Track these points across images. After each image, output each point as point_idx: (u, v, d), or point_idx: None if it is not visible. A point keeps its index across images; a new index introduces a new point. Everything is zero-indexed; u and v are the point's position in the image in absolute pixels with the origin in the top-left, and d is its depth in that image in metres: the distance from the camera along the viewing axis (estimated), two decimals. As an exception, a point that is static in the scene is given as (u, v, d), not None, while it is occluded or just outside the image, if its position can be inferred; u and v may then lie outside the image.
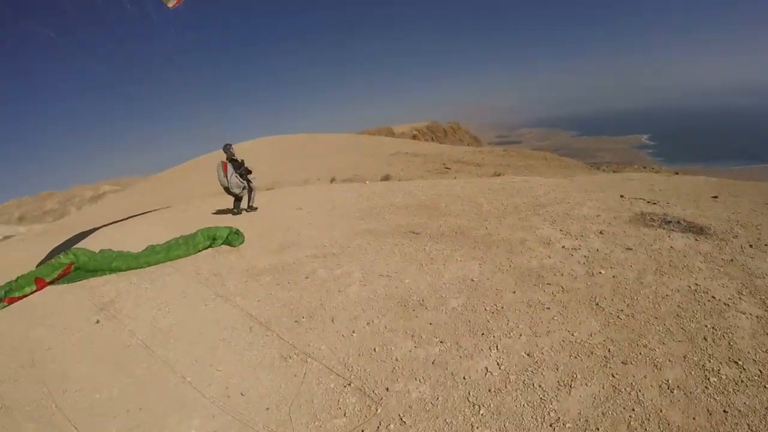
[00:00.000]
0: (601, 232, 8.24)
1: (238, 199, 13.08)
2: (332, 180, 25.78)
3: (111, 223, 14.67)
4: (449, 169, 28.91)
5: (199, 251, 9.65)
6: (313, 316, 6.55)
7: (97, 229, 13.17)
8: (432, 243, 8.69)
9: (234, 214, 12.95)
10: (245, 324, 6.54)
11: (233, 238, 9.94)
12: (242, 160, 12.96)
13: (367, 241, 9.25)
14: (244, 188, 12.91)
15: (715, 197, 10.26)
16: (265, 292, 7.46)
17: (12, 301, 8.67)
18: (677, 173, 26.45)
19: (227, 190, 12.67)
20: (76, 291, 8.42)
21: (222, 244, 9.84)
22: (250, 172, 13.03)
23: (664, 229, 8.18)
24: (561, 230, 8.57)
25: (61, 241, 12.81)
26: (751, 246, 7.16)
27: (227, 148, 12.80)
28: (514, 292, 6.50)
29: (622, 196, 10.83)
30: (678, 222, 8.47)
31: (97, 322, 7.09)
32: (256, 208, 13.30)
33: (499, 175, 21.91)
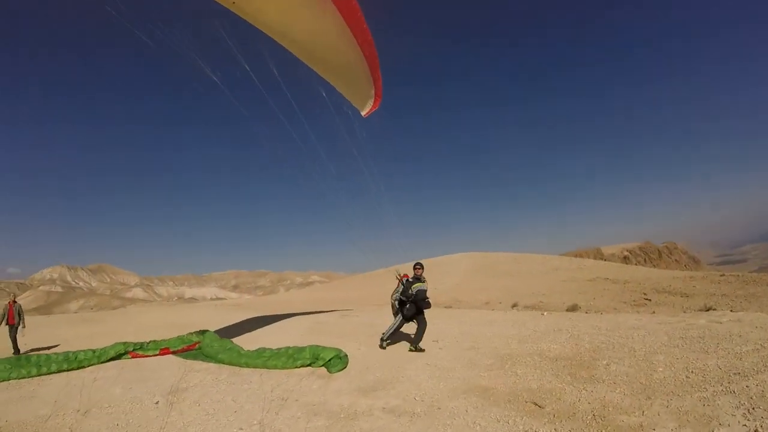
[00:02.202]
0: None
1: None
2: (514, 305, 24.40)
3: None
4: (649, 300, 25.51)
5: (297, 367, 10.08)
6: None
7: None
8: (549, 431, 6.60)
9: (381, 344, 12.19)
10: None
11: (333, 363, 9.95)
12: (414, 289, 11.61)
13: (470, 406, 7.66)
14: (397, 314, 12.03)
15: None
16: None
17: (135, 356, 11.08)
18: None
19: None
20: (171, 366, 10.48)
21: (322, 365, 10.04)
22: (425, 304, 11.63)
23: None
24: (756, 429, 5.87)
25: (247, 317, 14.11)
26: None
27: (416, 266, 11.82)
28: None
29: None
30: None
31: (157, 403, 8.17)
32: (421, 350, 11.53)
33: (708, 309, 18.58)
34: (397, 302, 11.80)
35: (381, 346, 12.00)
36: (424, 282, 11.70)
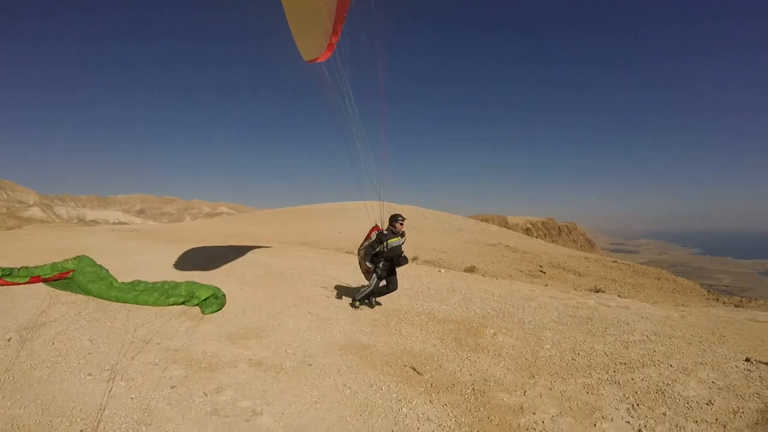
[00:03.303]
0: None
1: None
2: (414, 259, 24.18)
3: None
4: (544, 273, 25.95)
5: (170, 305, 9.31)
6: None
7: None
8: (423, 402, 6.13)
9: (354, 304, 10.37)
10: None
11: (208, 303, 9.25)
12: (386, 244, 9.98)
13: (344, 365, 7.15)
14: (368, 272, 10.17)
15: None
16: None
17: (4, 284, 10.17)
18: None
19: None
20: (37, 297, 9.65)
21: (196, 304, 9.32)
22: (398, 261, 10.15)
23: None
24: (640, 431, 5.56)
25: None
26: None
27: (393, 219, 10.27)
28: None
29: (747, 360, 7.86)
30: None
31: (9, 340, 7.35)
32: (358, 306, 10.24)
33: (598, 291, 18.90)
34: (367, 259, 10.02)
35: (353, 306, 10.28)
36: (402, 236, 10.30)
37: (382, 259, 10.00)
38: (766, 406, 6.15)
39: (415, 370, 7.05)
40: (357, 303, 10.19)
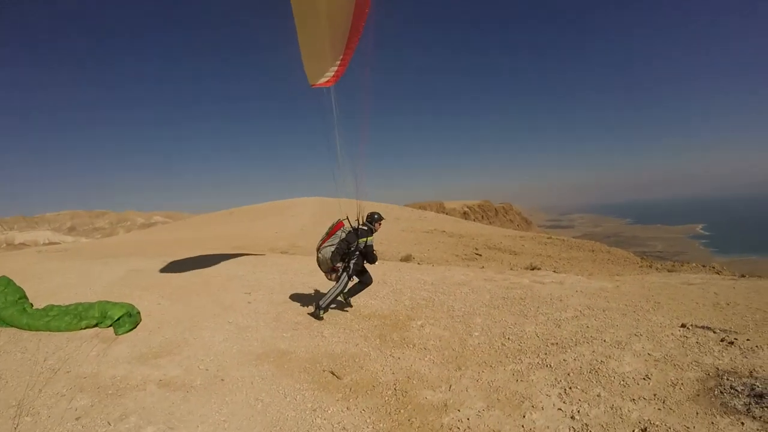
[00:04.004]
0: (644, 432, 4.91)
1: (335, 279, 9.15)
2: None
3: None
4: (480, 255, 25.77)
5: (83, 328, 8.44)
6: None
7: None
8: (340, 409, 5.52)
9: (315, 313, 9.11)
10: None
11: (121, 323, 8.44)
12: (366, 240, 9.15)
13: (258, 376, 6.46)
14: (333, 271, 9.06)
15: None
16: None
17: None
18: (743, 276, 22.87)
19: (317, 261, 9.17)
20: None
21: (110, 325, 8.48)
22: (371, 258, 9.29)
23: (755, 420, 4.77)
24: (573, 417, 5.07)
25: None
26: None
27: (371, 217, 9.57)
28: None
29: (683, 326, 7.61)
30: (777, 398, 5.15)
31: None
32: (322, 317, 8.99)
33: (533, 268, 18.78)
34: (334, 258, 8.86)
35: (317, 316, 8.95)
36: (371, 237, 9.35)
37: (356, 255, 9.11)
38: (706, 374, 5.80)
39: (334, 374, 6.41)
40: (321, 312, 8.95)
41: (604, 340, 7.04)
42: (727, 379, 5.61)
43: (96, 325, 8.51)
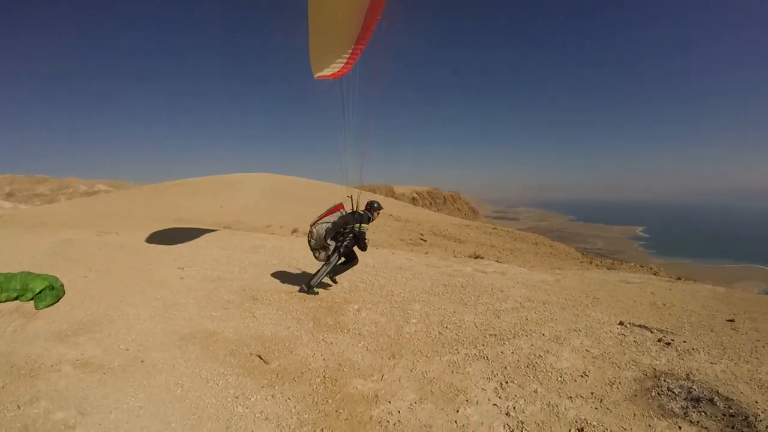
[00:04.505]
0: (581, 432, 4.71)
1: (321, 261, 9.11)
2: (294, 231, 23.08)
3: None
4: (425, 241, 25.63)
5: (2, 301, 7.74)
6: None
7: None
8: (264, 397, 5.15)
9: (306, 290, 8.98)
10: None
11: (43, 297, 7.81)
12: (360, 227, 9.07)
13: (181, 359, 5.99)
14: (324, 251, 8.99)
15: (732, 320, 8.12)
16: None
17: None
18: (679, 278, 23.53)
19: (308, 238, 9.02)
20: None
21: (31, 298, 7.82)
22: (361, 244, 9.21)
23: (692, 424, 4.65)
24: (508, 414, 4.82)
25: None
26: None
27: (371, 205, 9.38)
28: None
29: (621, 323, 7.58)
30: (711, 402, 5.08)
31: None
32: (317, 293, 8.96)
33: (477, 257, 18.73)
34: (328, 234, 8.86)
35: (307, 291, 8.87)
36: (367, 224, 9.24)
37: (349, 237, 9.03)
38: (643, 374, 5.68)
39: (261, 358, 6.00)
40: (314, 289, 8.92)
41: (543, 334, 6.88)
42: (665, 381, 5.51)
43: (16, 298, 7.87)
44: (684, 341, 6.90)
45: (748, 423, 4.70)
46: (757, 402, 5.14)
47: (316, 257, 9.06)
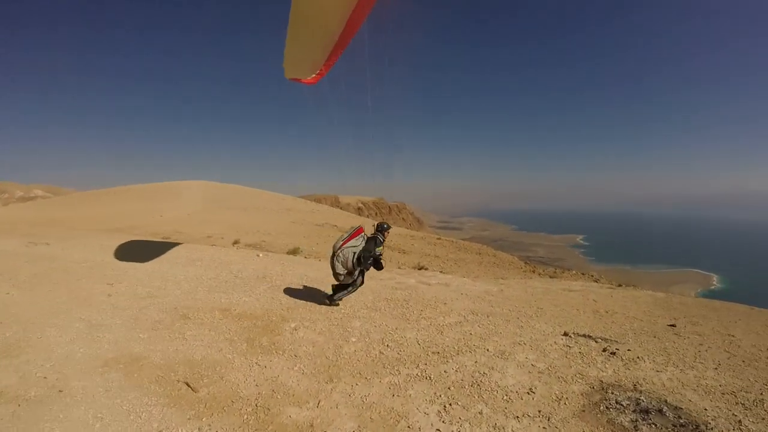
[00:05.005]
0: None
1: (339, 282, 9.14)
2: (235, 242, 22.50)
3: None
4: (369, 252, 25.46)
5: None
6: None
7: None
8: (191, 430, 4.66)
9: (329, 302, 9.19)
10: None
11: None
12: (380, 252, 9.10)
13: (102, 388, 5.42)
14: (350, 274, 8.93)
15: (673, 326, 8.47)
16: None
17: None
18: (620, 285, 24.07)
19: (331, 260, 8.85)
20: None
21: None
22: (379, 265, 9.18)
23: (644, 439, 4.51)
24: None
25: None
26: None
27: (381, 227, 9.40)
28: None
29: (566, 334, 7.50)
30: (660, 412, 4.98)
31: None
32: (338, 304, 9.17)
33: (421, 268, 18.60)
34: (357, 262, 8.83)
35: (329, 304, 9.14)
36: (382, 247, 9.32)
37: (370, 261, 8.99)
38: (590, 388, 5.52)
39: (189, 386, 5.52)
40: (337, 300, 9.18)
41: (488, 350, 6.65)
42: (612, 393, 5.37)
43: None
44: (629, 349, 6.85)
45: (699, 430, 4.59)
46: (706, 409, 5.09)
47: (339, 280, 8.96)
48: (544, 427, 4.67)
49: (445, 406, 5.02)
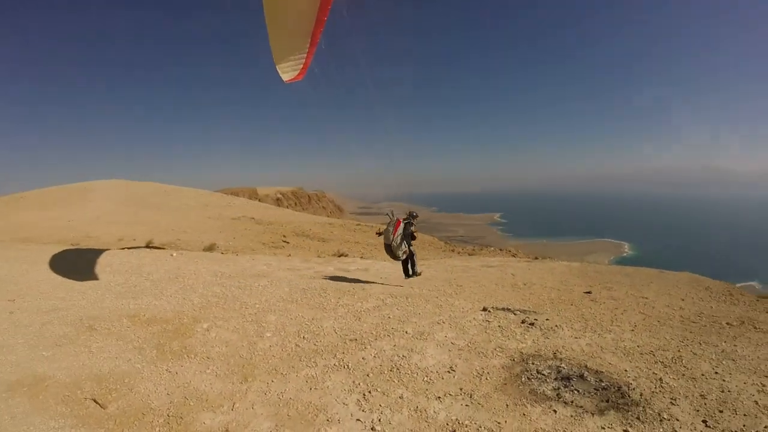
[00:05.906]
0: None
1: (403, 262, 10.91)
2: (148, 243, 21.44)
3: None
4: (288, 243, 25.01)
5: None
6: None
7: None
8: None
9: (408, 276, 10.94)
10: None
11: None
12: (414, 227, 10.92)
13: (7, 413, 4.85)
14: (405, 253, 10.61)
15: (589, 293, 8.82)
16: None
17: None
18: (536, 258, 24.77)
19: (388, 248, 10.39)
20: None
21: None
22: (414, 238, 10.88)
23: (566, 405, 4.48)
24: (373, 429, 4.35)
25: None
26: (706, 424, 4.26)
27: (412, 214, 11.09)
28: None
29: (485, 309, 7.50)
30: (582, 378, 5.03)
31: None
32: (420, 273, 10.89)
33: (341, 255, 18.43)
34: (402, 241, 10.49)
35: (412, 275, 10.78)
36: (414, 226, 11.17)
37: (408, 238, 10.67)
38: (511, 360, 5.50)
39: (97, 402, 5.07)
40: (418, 271, 10.84)
41: (406, 332, 6.52)
42: (533, 364, 5.38)
43: None
44: (547, 319, 6.93)
45: (621, 393, 4.67)
46: (626, 370, 5.17)
47: (399, 257, 10.49)
48: (466, 405, 4.57)
49: (364, 394, 4.84)
